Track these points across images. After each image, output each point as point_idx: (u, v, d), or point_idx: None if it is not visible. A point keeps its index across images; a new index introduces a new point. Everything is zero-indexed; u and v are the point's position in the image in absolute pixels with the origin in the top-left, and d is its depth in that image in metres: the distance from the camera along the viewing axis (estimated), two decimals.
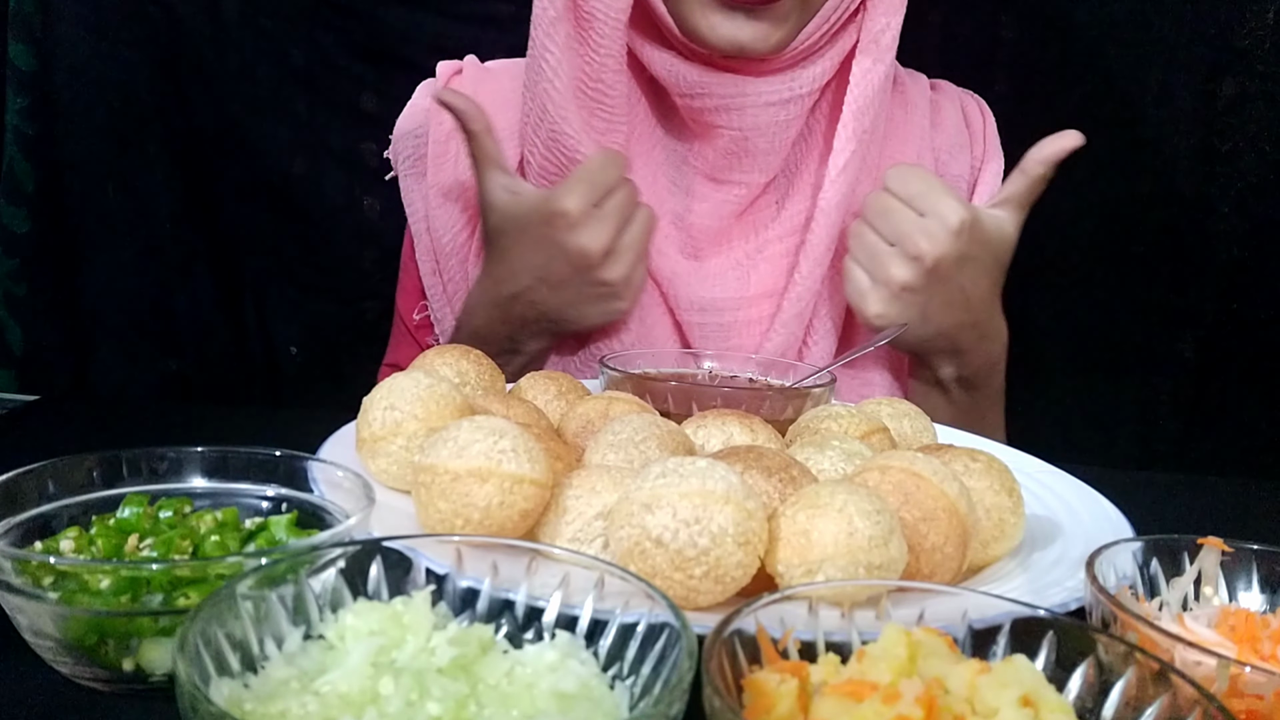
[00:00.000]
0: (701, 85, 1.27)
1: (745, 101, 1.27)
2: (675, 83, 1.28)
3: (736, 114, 1.28)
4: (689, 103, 1.29)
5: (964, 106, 1.48)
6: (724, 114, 1.28)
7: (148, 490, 0.76)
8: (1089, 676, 0.58)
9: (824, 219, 1.30)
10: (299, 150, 1.76)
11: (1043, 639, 0.60)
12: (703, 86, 1.27)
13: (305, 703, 0.53)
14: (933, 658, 0.57)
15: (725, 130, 1.29)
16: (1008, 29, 1.82)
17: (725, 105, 1.27)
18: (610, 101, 1.28)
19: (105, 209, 1.87)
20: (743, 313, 1.33)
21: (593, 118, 1.29)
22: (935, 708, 0.52)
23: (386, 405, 0.86)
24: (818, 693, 0.56)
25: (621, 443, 0.86)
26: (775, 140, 1.30)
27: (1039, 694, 0.54)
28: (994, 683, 0.54)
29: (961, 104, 1.48)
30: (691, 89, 1.27)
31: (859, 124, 1.29)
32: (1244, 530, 0.79)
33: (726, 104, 1.27)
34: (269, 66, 1.90)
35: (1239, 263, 1.33)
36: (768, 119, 1.28)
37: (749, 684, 0.56)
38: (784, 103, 1.28)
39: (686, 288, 1.32)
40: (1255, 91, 1.68)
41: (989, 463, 0.85)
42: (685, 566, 0.67)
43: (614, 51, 1.25)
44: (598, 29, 1.24)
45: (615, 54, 1.25)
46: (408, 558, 0.63)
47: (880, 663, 0.56)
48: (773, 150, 1.31)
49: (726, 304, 1.32)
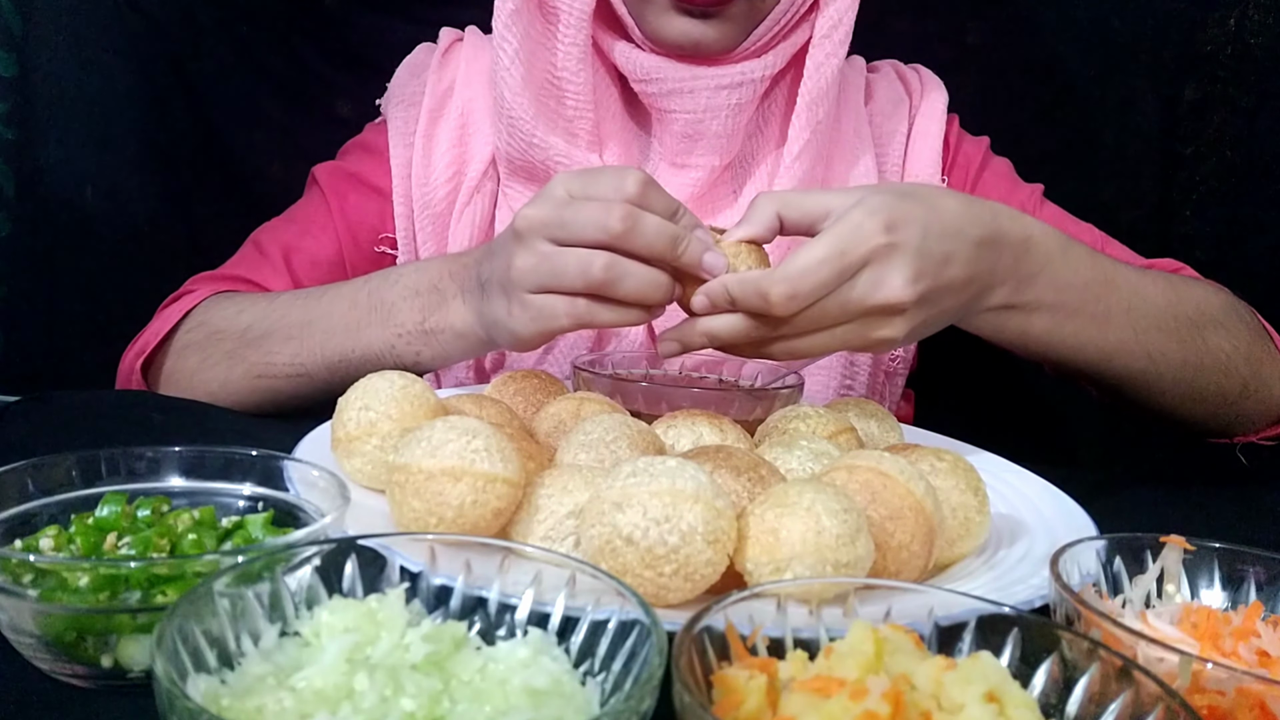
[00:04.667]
0: (657, 71, 1.32)
1: (697, 85, 1.32)
2: (632, 70, 1.34)
3: (689, 96, 1.32)
4: (645, 88, 1.35)
5: (899, 72, 1.54)
6: (677, 98, 1.33)
7: (126, 489, 0.76)
8: (1053, 673, 0.59)
9: None
10: (275, 155, 1.77)
11: (1008, 636, 0.61)
12: (658, 72, 1.32)
13: (281, 698, 0.53)
14: (899, 654, 0.58)
15: (679, 114, 1.34)
16: (973, 33, 1.83)
17: (678, 89, 1.32)
18: (574, 90, 1.32)
19: (84, 212, 1.87)
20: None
21: (559, 106, 1.34)
22: (902, 704, 0.52)
23: (361, 405, 0.86)
24: (786, 689, 0.56)
25: (593, 442, 0.87)
26: (728, 123, 1.34)
27: (1004, 690, 0.54)
28: (959, 679, 0.55)
29: (896, 71, 1.54)
30: (647, 74, 1.33)
31: (812, 114, 1.34)
32: (1206, 529, 0.80)
33: (679, 88, 1.32)
34: (246, 73, 1.90)
35: (1201, 266, 1.34)
36: (720, 101, 1.33)
37: (718, 680, 0.56)
38: (734, 86, 1.32)
39: None
40: (1217, 96, 1.70)
41: (954, 462, 0.86)
42: (655, 564, 0.68)
43: (578, 43, 1.30)
44: (563, 21, 1.30)
45: (579, 44, 1.30)
46: (382, 556, 0.64)
47: (847, 659, 0.57)
48: (725, 134, 1.35)
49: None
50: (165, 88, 1.88)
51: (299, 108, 1.90)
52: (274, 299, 1.26)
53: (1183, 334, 1.15)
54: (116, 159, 1.87)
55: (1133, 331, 1.12)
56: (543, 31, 1.32)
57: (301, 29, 1.89)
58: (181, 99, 1.89)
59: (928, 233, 0.95)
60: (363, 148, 1.49)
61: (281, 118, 1.90)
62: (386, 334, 1.15)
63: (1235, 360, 1.20)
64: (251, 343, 1.22)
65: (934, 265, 0.95)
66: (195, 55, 1.89)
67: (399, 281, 1.17)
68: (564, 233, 0.95)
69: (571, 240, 0.95)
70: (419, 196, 1.41)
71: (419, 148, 1.41)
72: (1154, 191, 1.27)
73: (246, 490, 0.80)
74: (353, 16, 1.87)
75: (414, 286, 1.15)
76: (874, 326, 0.96)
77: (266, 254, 1.41)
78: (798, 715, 0.53)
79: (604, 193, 0.95)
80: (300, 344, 1.19)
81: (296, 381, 1.20)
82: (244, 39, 1.89)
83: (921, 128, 1.47)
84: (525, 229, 0.98)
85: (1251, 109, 1.71)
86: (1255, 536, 0.83)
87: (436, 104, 1.44)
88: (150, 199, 1.88)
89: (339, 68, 1.88)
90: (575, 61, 1.31)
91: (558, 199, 0.97)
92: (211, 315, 1.28)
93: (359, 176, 1.45)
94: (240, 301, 1.28)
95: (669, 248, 0.94)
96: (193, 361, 1.26)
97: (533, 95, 1.32)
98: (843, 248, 0.92)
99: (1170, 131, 1.73)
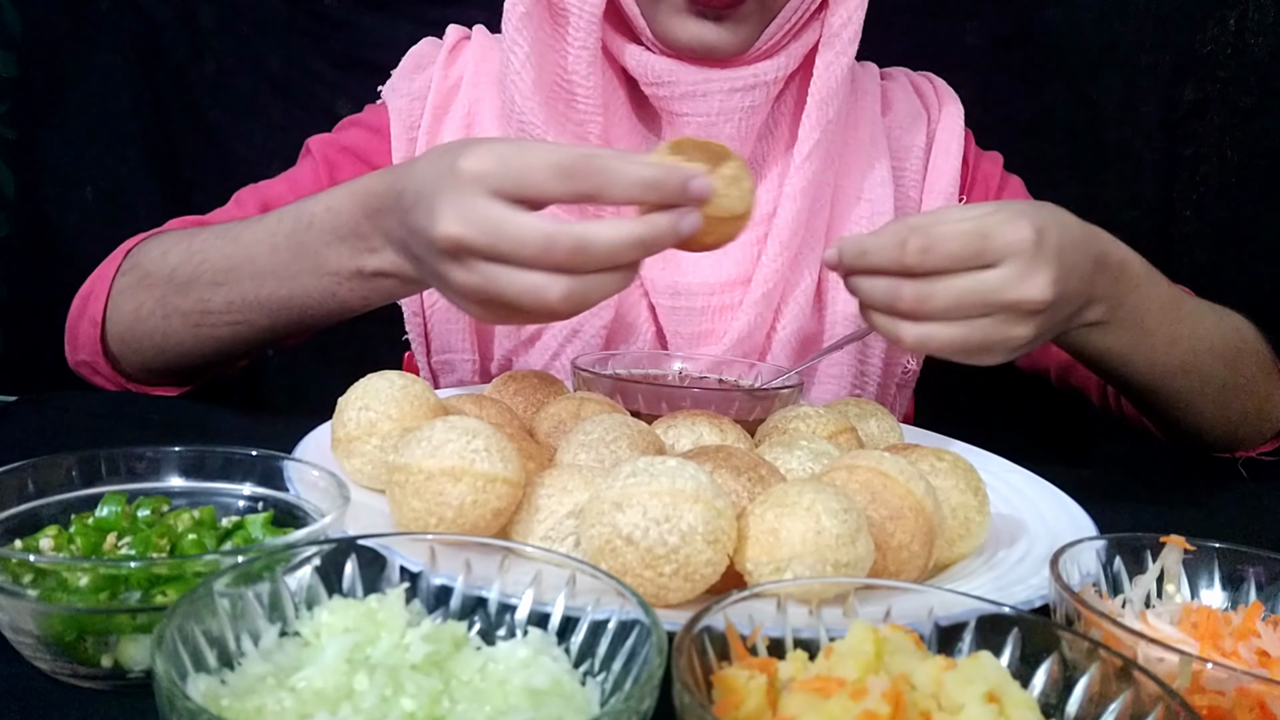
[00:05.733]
0: (669, 74, 1.31)
1: (710, 88, 1.31)
2: (644, 73, 1.32)
3: (702, 100, 1.31)
4: (656, 91, 1.33)
5: (913, 82, 1.53)
6: (690, 101, 1.32)
7: (126, 489, 0.77)
8: (1053, 673, 0.59)
9: (789, 205, 1.34)
10: (275, 154, 1.76)
11: (1008, 636, 0.61)
12: (670, 75, 1.31)
13: (281, 698, 0.53)
14: (899, 654, 0.58)
15: (692, 118, 1.32)
16: (974, 34, 1.83)
17: (691, 93, 1.31)
18: (584, 94, 1.31)
19: (84, 212, 1.88)
20: (715, 298, 1.35)
21: (569, 109, 1.32)
22: (902, 704, 0.52)
23: (361, 406, 0.86)
24: (786, 689, 0.56)
25: (593, 442, 0.87)
26: (741, 126, 1.33)
27: (1004, 690, 0.54)
28: (960, 679, 0.55)
29: (911, 81, 1.53)
30: (659, 78, 1.31)
31: (822, 113, 1.33)
32: (1206, 529, 0.80)
33: (692, 91, 1.31)
34: (246, 73, 1.91)
35: (1201, 267, 1.35)
36: (733, 105, 1.31)
37: (718, 680, 0.56)
38: (748, 89, 1.31)
39: (662, 274, 1.34)
40: (1216, 97, 1.70)
41: (955, 462, 0.86)
42: (655, 564, 0.68)
43: (588, 45, 1.29)
44: (573, 23, 1.28)
45: (590, 48, 1.29)
46: (382, 556, 0.64)
47: (848, 659, 0.57)
48: (738, 137, 1.34)
49: (700, 289, 1.34)
50: (165, 88, 1.89)
51: (299, 108, 1.90)
52: (195, 236, 1.19)
53: (1229, 358, 1.22)
54: (116, 160, 1.87)
55: (1193, 354, 1.18)
56: (552, 34, 1.31)
57: (301, 29, 1.89)
58: (181, 99, 1.90)
59: (1063, 242, 0.97)
60: (362, 124, 1.47)
61: (281, 118, 1.91)
62: (323, 283, 1.08)
63: (1257, 382, 1.27)
64: (180, 288, 1.16)
65: (1065, 273, 0.96)
66: (195, 55, 1.90)
67: (312, 224, 1.07)
68: (505, 258, 0.85)
69: (517, 263, 0.85)
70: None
71: (422, 144, 1.40)
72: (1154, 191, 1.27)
73: (246, 490, 0.80)
74: (353, 16, 1.87)
75: (333, 230, 1.05)
76: (1010, 324, 0.96)
77: (244, 206, 1.37)
78: (798, 715, 0.53)
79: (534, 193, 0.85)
80: (231, 290, 1.13)
81: (237, 329, 1.16)
82: (243, 39, 1.89)
83: (943, 143, 1.46)
84: (452, 247, 0.86)
85: (1251, 109, 1.72)
86: (1255, 536, 0.83)
87: (441, 101, 1.43)
88: (149, 199, 1.89)
89: (339, 68, 1.89)
90: (585, 65, 1.30)
91: (484, 218, 0.85)
92: (142, 256, 1.23)
93: (354, 150, 1.43)
94: (166, 241, 1.22)
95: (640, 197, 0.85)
96: (128, 308, 1.21)
97: (543, 99, 1.31)
98: (986, 230, 0.93)
99: (1170, 131, 1.74)
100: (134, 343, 1.22)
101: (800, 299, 1.36)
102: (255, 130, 1.91)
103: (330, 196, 1.07)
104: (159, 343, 1.20)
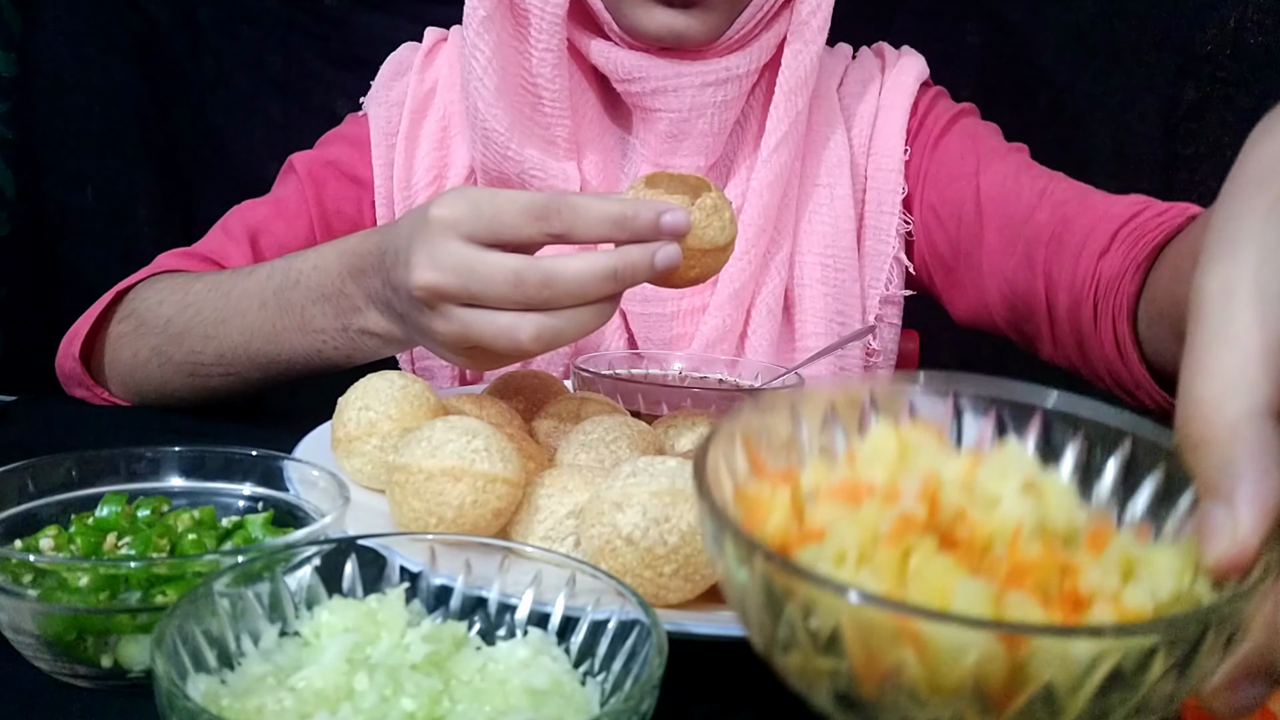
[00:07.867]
0: (639, 69, 1.29)
1: (682, 83, 1.29)
2: (614, 69, 1.31)
3: (674, 95, 1.30)
4: (628, 87, 1.32)
5: (876, 52, 1.50)
6: (662, 96, 1.30)
7: (126, 489, 0.77)
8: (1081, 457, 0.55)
9: (755, 199, 1.32)
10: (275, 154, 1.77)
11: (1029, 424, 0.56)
12: (640, 70, 1.29)
13: (281, 698, 0.53)
14: (922, 453, 0.53)
15: (664, 113, 1.31)
16: (973, 34, 1.84)
17: (663, 88, 1.29)
18: (550, 96, 1.30)
19: (84, 212, 1.88)
20: (685, 301, 1.33)
21: (535, 113, 1.31)
22: (938, 504, 0.49)
23: (361, 405, 0.86)
24: (811, 499, 0.51)
25: (593, 442, 0.87)
26: (714, 121, 1.32)
27: (1040, 479, 0.51)
28: (993, 472, 0.51)
29: (875, 51, 1.50)
30: (630, 73, 1.30)
31: (791, 104, 1.31)
32: None
33: (664, 86, 1.29)
34: (246, 72, 1.91)
35: None
36: (705, 99, 1.30)
37: (738, 497, 0.52)
38: (720, 83, 1.30)
39: None
40: (1216, 96, 1.70)
41: None
42: (655, 564, 0.68)
43: (553, 46, 1.27)
44: (535, 24, 1.27)
45: (554, 48, 1.27)
46: (382, 556, 0.64)
47: (873, 462, 0.53)
48: (711, 132, 1.32)
49: (669, 294, 1.32)
50: (165, 88, 1.89)
51: (299, 108, 1.90)
52: (190, 287, 1.20)
53: None
54: (116, 160, 1.88)
55: None
56: (515, 35, 1.29)
57: (301, 29, 1.89)
58: (181, 99, 1.90)
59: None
60: (343, 138, 1.46)
61: (281, 118, 1.91)
62: (309, 340, 1.08)
63: None
64: (173, 338, 1.17)
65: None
66: (195, 55, 1.90)
67: (299, 282, 1.07)
68: (477, 299, 0.86)
69: (488, 304, 0.86)
70: (400, 199, 1.39)
71: (401, 149, 1.39)
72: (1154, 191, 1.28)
73: (246, 490, 0.80)
74: (353, 16, 1.87)
75: (319, 289, 1.05)
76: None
77: (231, 234, 1.36)
78: (828, 525, 0.48)
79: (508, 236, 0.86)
80: (221, 343, 1.14)
81: (229, 381, 1.16)
82: (244, 38, 1.89)
83: (887, 102, 1.42)
84: (427, 296, 0.87)
85: (1251, 109, 1.71)
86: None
87: (418, 106, 1.41)
88: (149, 199, 1.89)
89: (339, 68, 1.89)
90: (550, 67, 1.28)
91: (457, 261, 0.85)
92: (138, 303, 1.23)
93: (338, 165, 1.42)
94: (162, 289, 1.22)
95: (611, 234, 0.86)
96: (126, 355, 1.21)
97: (507, 104, 1.29)
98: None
99: (1170, 132, 1.74)
100: (134, 385, 1.23)
101: (769, 299, 1.35)
102: (255, 130, 1.91)
103: (318, 254, 1.07)
104: (158, 387, 1.21)
